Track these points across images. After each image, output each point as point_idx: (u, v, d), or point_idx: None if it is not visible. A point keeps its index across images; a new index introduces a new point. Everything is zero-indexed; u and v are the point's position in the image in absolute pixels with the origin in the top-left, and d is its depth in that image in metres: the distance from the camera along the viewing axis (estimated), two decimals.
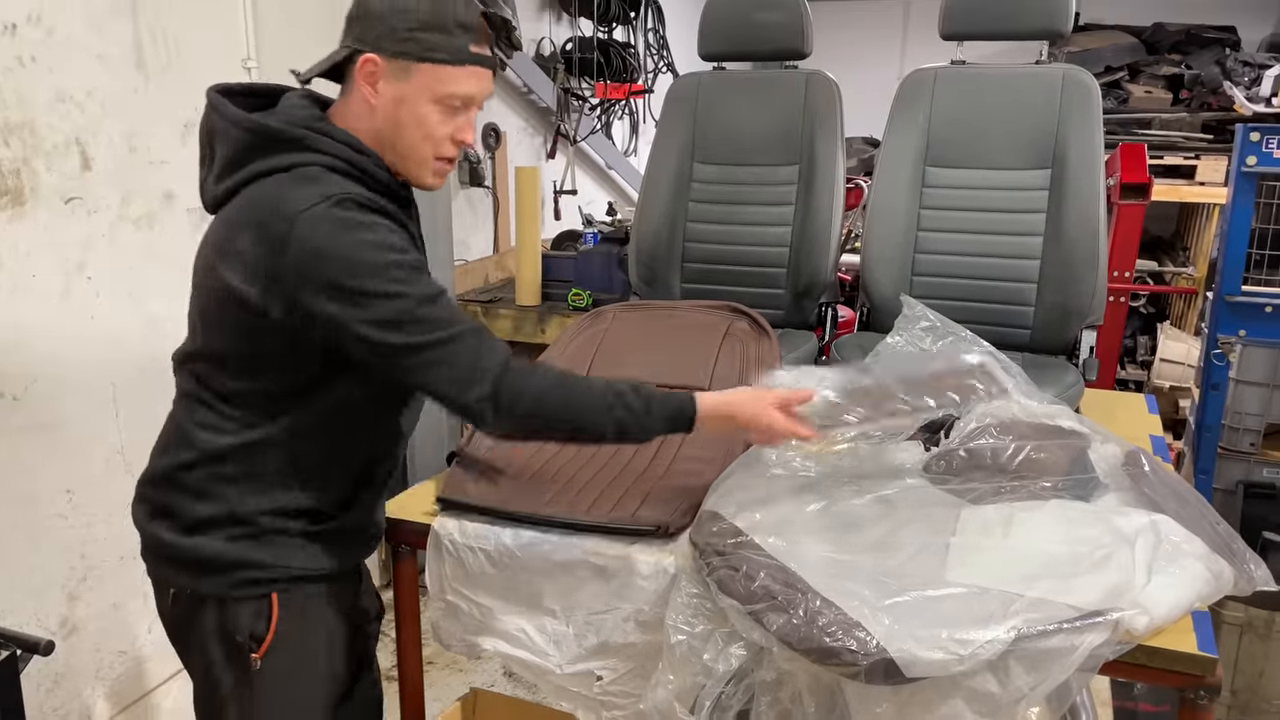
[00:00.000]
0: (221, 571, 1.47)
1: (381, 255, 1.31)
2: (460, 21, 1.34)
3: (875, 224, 2.34)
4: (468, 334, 1.36)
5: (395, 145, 1.40)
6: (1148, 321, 5.11)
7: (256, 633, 1.47)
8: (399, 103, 1.37)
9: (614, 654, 1.60)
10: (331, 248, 1.29)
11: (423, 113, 1.37)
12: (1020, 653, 1.26)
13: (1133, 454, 1.64)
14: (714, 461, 1.84)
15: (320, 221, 1.29)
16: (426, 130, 1.39)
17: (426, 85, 1.36)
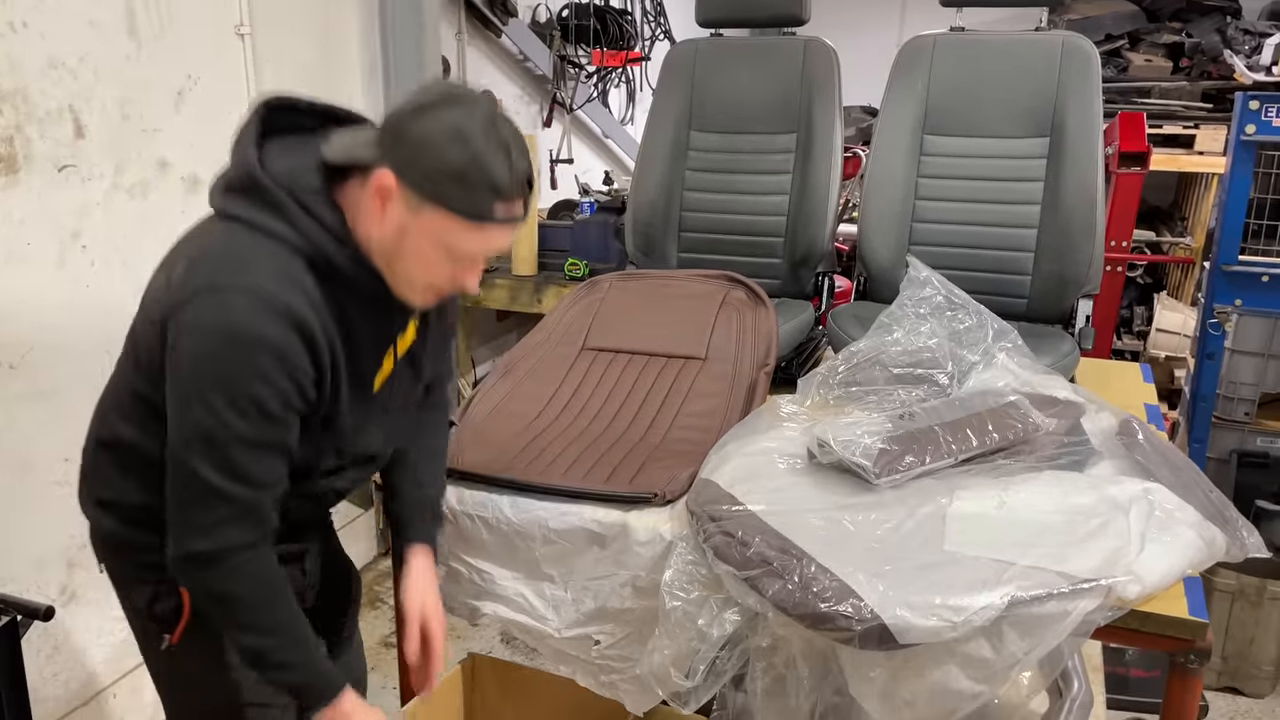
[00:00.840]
0: (120, 553, 1.45)
1: (251, 385, 1.19)
2: (494, 184, 1.20)
3: (873, 192, 2.33)
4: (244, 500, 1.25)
5: (389, 264, 1.28)
6: (1144, 292, 5.10)
7: (168, 614, 1.43)
8: (403, 232, 1.24)
9: (611, 619, 1.61)
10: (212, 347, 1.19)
11: (425, 253, 1.25)
12: (1013, 619, 1.28)
13: (1126, 422, 1.65)
14: (710, 430, 1.84)
15: (225, 311, 1.18)
16: (425, 268, 1.28)
17: (434, 229, 1.23)
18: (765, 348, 2.04)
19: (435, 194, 1.20)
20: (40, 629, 2.20)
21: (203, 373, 1.20)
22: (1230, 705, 2.62)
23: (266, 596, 1.31)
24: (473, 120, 1.20)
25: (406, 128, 1.21)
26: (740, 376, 2.00)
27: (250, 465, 1.23)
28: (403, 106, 1.23)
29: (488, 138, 1.20)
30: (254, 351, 1.18)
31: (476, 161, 1.19)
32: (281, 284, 1.21)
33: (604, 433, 1.90)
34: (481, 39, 4.04)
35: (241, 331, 1.18)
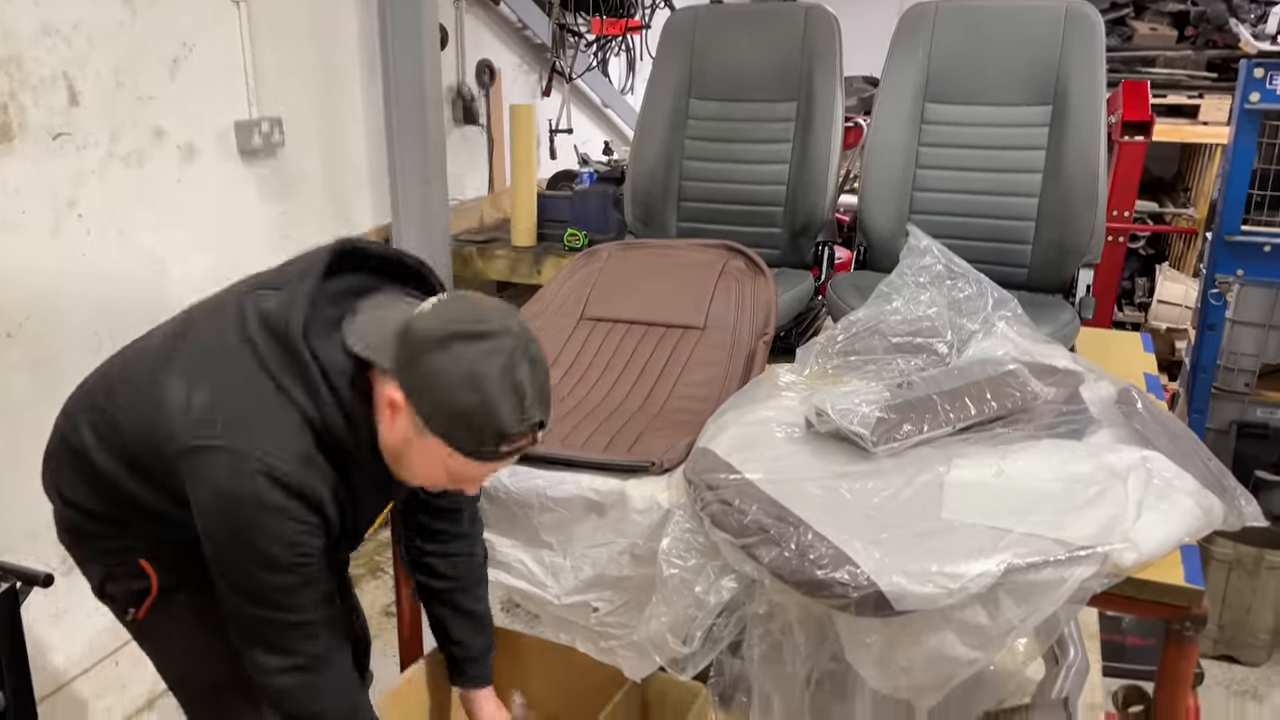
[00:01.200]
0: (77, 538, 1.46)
1: (270, 547, 1.25)
2: (500, 431, 1.21)
3: (874, 161, 2.31)
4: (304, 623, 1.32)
5: (393, 462, 1.32)
6: (1146, 264, 5.08)
7: (120, 595, 1.45)
8: (407, 444, 1.27)
9: (610, 586, 1.62)
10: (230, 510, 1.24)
11: (427, 465, 1.29)
12: (1010, 586, 1.28)
13: (1125, 391, 1.65)
14: (709, 399, 1.84)
15: (245, 482, 1.22)
16: (427, 476, 1.32)
17: (437, 452, 1.24)
18: (764, 317, 2.03)
19: (440, 429, 1.21)
20: (42, 597, 2.21)
21: (222, 530, 1.26)
22: (1226, 673, 2.63)
23: (347, 708, 1.37)
24: (491, 363, 1.19)
25: (424, 355, 1.20)
26: (739, 346, 1.99)
27: (294, 599, 1.29)
28: (427, 324, 1.22)
29: (503, 383, 1.19)
30: (269, 518, 1.23)
31: (486, 409, 1.19)
32: (301, 467, 1.25)
33: (602, 402, 1.90)
34: (480, 6, 4.00)
35: (258, 502, 1.22)
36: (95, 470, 1.38)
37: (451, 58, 3.79)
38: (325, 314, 1.29)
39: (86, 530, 1.44)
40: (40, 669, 2.26)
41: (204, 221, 2.56)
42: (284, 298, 1.28)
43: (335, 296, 1.32)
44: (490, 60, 4.03)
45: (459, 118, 3.87)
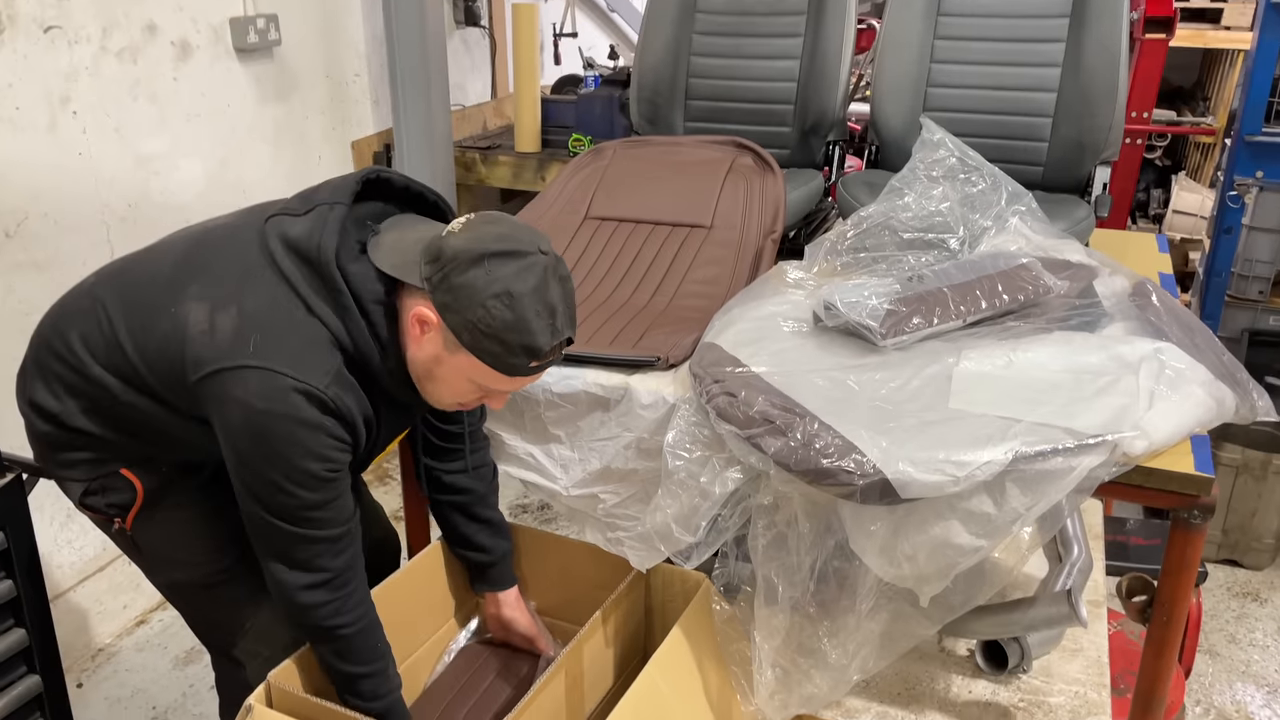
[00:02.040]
0: (54, 451, 1.43)
1: (305, 462, 1.25)
2: (532, 348, 1.23)
3: (887, 55, 2.24)
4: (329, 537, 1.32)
5: (422, 381, 1.32)
6: (1162, 175, 4.99)
7: (101, 508, 1.44)
8: (437, 361, 1.28)
9: (616, 480, 1.62)
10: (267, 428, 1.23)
11: (456, 383, 1.30)
12: (1017, 474, 1.27)
13: (1140, 284, 1.62)
14: (715, 298, 1.82)
15: (279, 400, 1.22)
16: (453, 394, 1.33)
17: (467, 369, 1.26)
18: (772, 215, 1.99)
19: (473, 345, 1.23)
20: (55, 496, 2.23)
21: (255, 449, 1.25)
22: (1229, 576, 2.65)
23: (363, 626, 1.37)
24: (525, 281, 1.21)
25: (458, 272, 1.21)
26: (746, 244, 1.96)
27: (321, 516, 1.30)
28: (460, 243, 1.22)
29: (536, 300, 1.21)
30: (306, 435, 1.24)
31: (519, 326, 1.21)
32: (333, 384, 1.25)
33: (607, 300, 1.88)
34: None
35: (296, 418, 1.23)
36: (88, 385, 1.35)
37: None
38: (352, 238, 1.30)
39: (63, 443, 1.41)
40: (55, 567, 2.30)
41: (201, 121, 2.51)
42: (313, 222, 1.28)
43: (359, 221, 1.32)
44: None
45: (460, 19, 3.77)
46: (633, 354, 1.64)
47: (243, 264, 1.30)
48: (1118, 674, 1.84)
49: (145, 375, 1.32)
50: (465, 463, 1.63)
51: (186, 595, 1.54)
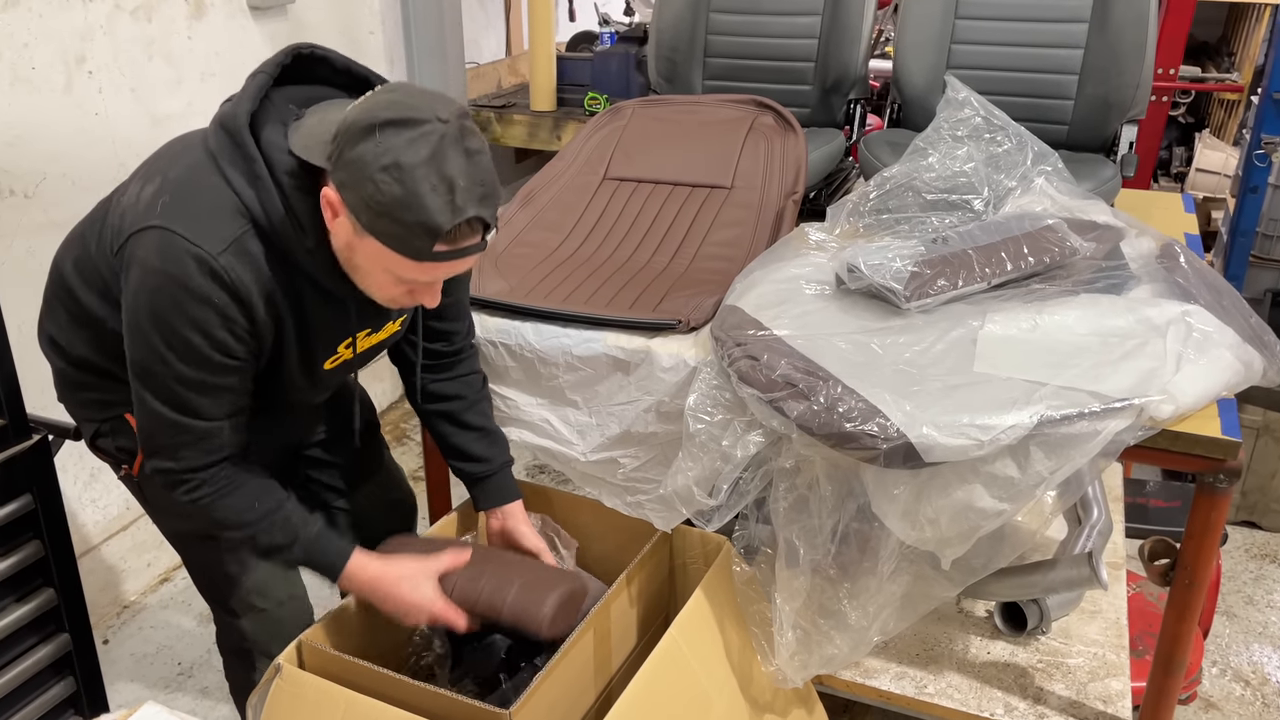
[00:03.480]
0: (68, 389, 1.46)
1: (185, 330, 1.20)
2: (428, 226, 1.12)
3: (910, 11, 2.20)
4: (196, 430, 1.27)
5: (348, 271, 1.25)
6: (1185, 132, 4.91)
7: (112, 450, 1.45)
8: (351, 249, 1.20)
9: (636, 443, 1.62)
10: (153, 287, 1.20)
11: (374, 273, 1.22)
12: (1042, 438, 1.27)
13: (1168, 246, 1.60)
14: (735, 260, 1.81)
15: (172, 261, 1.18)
16: (377, 286, 1.24)
17: (377, 255, 1.17)
18: (794, 175, 1.97)
19: (371, 226, 1.14)
20: (78, 457, 2.25)
21: (143, 308, 1.21)
22: (1247, 538, 2.65)
23: (240, 499, 1.34)
24: (415, 151, 1.10)
25: (350, 146, 1.13)
26: (767, 205, 1.94)
27: (194, 401, 1.25)
28: (355, 114, 1.14)
29: (429, 174, 1.11)
30: (192, 304, 1.19)
31: (411, 203, 1.11)
32: (231, 254, 1.19)
33: (627, 262, 1.87)
34: None
35: (183, 284, 1.18)
36: (81, 310, 1.36)
37: None
38: (281, 113, 1.24)
39: (75, 380, 1.44)
40: (80, 526, 2.33)
41: (216, 80, 2.49)
42: (237, 94, 1.24)
43: (296, 102, 1.26)
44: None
45: None
46: (653, 317, 1.64)
47: (183, 143, 1.30)
48: (1136, 635, 1.85)
49: (111, 283, 1.30)
50: (451, 372, 1.59)
51: (188, 544, 1.56)
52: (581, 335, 1.64)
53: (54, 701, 1.60)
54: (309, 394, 1.46)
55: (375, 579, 1.40)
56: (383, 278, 1.22)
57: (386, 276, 1.21)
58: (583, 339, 1.64)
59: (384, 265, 1.19)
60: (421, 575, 1.42)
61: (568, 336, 1.65)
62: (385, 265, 1.19)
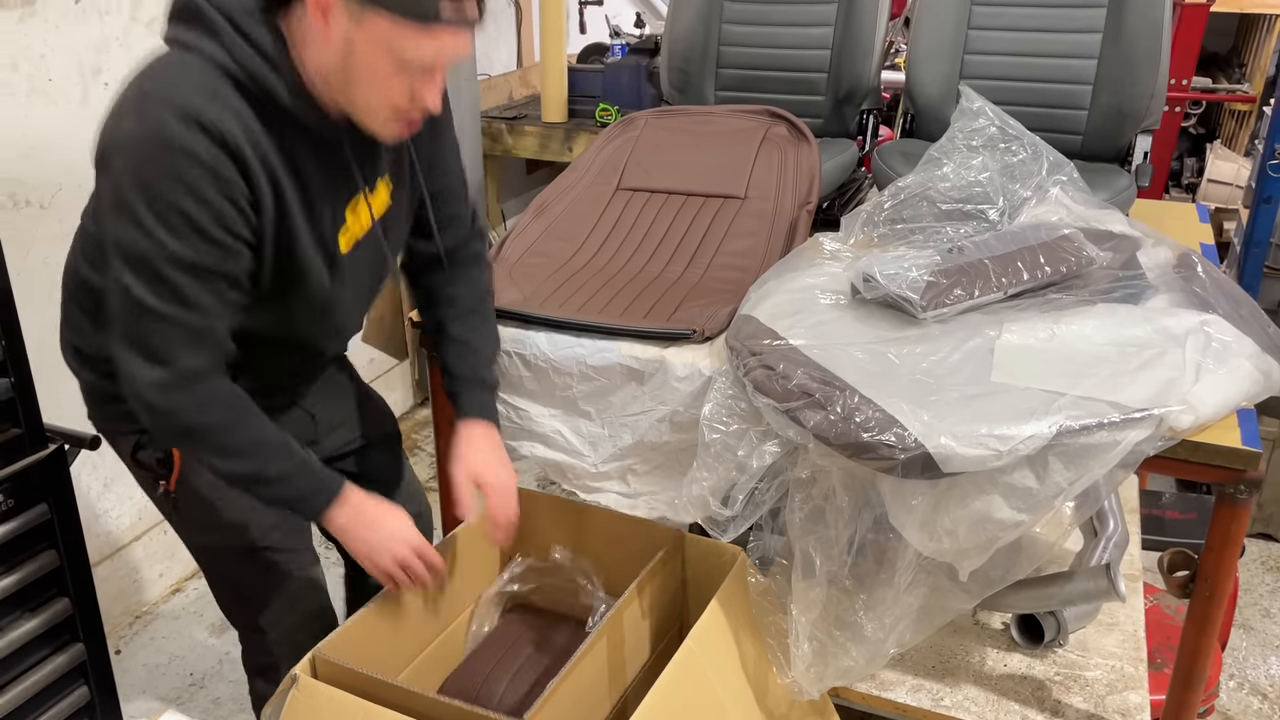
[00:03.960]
0: (102, 403, 1.42)
1: (174, 194, 1.10)
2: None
3: (923, 22, 2.21)
4: (189, 324, 1.18)
5: (345, 92, 1.18)
6: (1196, 143, 4.90)
7: (153, 463, 1.42)
8: (349, 49, 1.13)
9: (648, 452, 1.62)
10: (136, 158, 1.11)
11: (376, 67, 1.14)
12: (1061, 449, 1.26)
13: (1185, 255, 1.59)
14: (749, 270, 1.81)
15: (148, 123, 1.09)
16: (379, 87, 1.16)
17: (380, 38, 1.11)
18: (807, 185, 1.97)
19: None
20: (91, 466, 2.26)
21: (128, 184, 1.11)
22: (1262, 550, 2.63)
23: (234, 418, 1.25)
24: None
25: None
26: (781, 215, 1.94)
27: (188, 288, 1.15)
28: None
29: None
30: (179, 163, 1.09)
31: None
32: (208, 100, 1.11)
33: (641, 272, 1.87)
34: None
35: (165, 141, 1.09)
36: (99, 305, 1.27)
37: None
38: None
39: (106, 392, 1.38)
40: (93, 536, 2.33)
41: None
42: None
43: None
44: None
45: None
46: (668, 327, 1.64)
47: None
48: (1154, 648, 1.83)
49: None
50: (450, 272, 1.53)
51: (217, 559, 1.54)
52: (596, 345, 1.64)
53: (68, 711, 1.60)
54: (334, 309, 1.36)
55: (360, 503, 1.34)
56: (385, 70, 1.14)
57: (389, 67, 1.13)
58: (597, 349, 1.64)
59: (388, 49, 1.12)
60: (407, 519, 1.39)
61: (582, 346, 1.65)
62: (389, 48, 1.11)
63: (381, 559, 1.37)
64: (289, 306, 1.30)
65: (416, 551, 1.39)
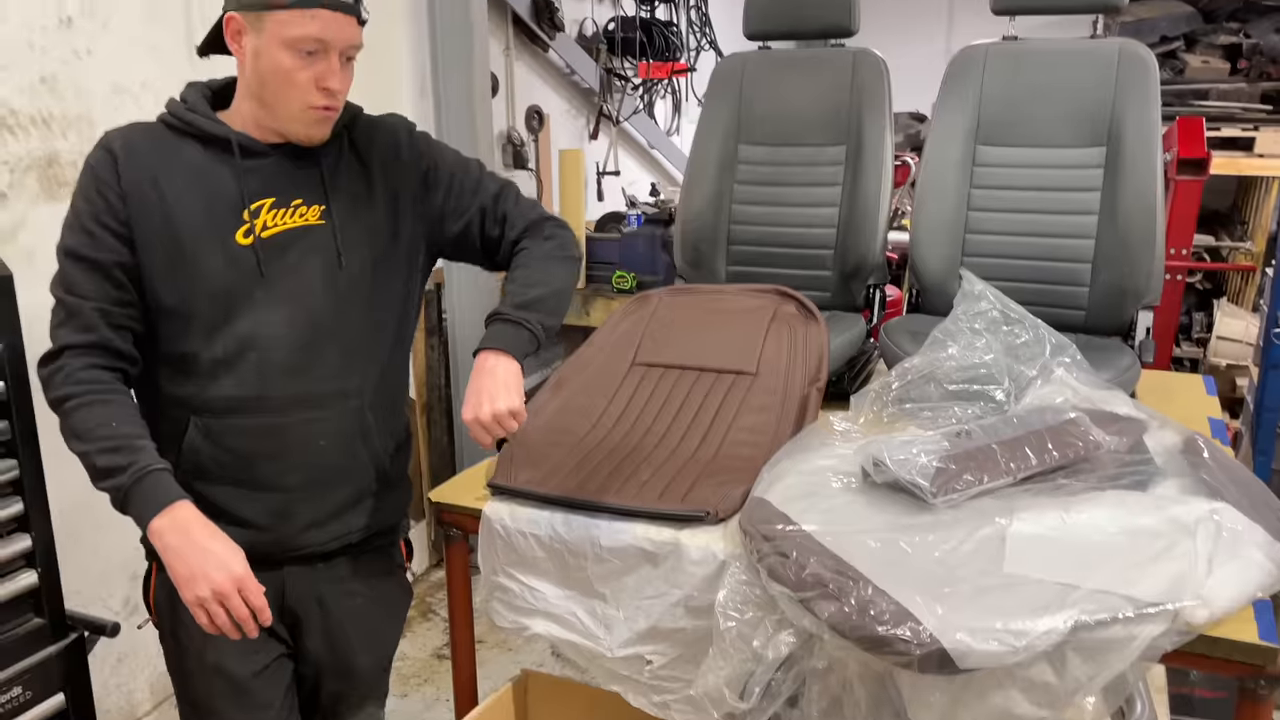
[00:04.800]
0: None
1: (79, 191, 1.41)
2: None
3: (925, 203, 2.31)
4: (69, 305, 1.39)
5: (266, 101, 1.42)
6: (1203, 298, 4.99)
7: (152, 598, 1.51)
8: (258, 56, 1.39)
9: (664, 639, 1.61)
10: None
11: (278, 60, 1.38)
12: (1078, 643, 1.25)
13: (1191, 440, 1.61)
14: (762, 446, 1.83)
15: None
16: (286, 78, 1.39)
17: (276, 32, 1.37)
18: (817, 363, 2.02)
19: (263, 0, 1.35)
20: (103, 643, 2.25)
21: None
22: None
23: (84, 396, 1.36)
24: None
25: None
26: (792, 392, 1.98)
27: (72, 275, 1.38)
28: None
29: None
30: (83, 176, 1.41)
31: None
32: (129, 131, 1.43)
33: (655, 449, 1.90)
34: (529, 54, 4.07)
35: (87, 163, 1.42)
36: None
37: (502, 104, 3.86)
38: None
39: None
40: (104, 712, 2.30)
41: None
42: None
43: None
44: (539, 106, 4.10)
45: (509, 162, 3.93)
46: (682, 508, 1.66)
47: None
48: None
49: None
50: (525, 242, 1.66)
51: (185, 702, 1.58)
52: (610, 526, 1.66)
53: None
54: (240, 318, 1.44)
55: (191, 521, 1.32)
56: (287, 61, 1.37)
57: (289, 56, 1.37)
58: (611, 530, 1.65)
59: (280, 39, 1.36)
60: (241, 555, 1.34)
61: (597, 527, 1.66)
62: (281, 38, 1.36)
63: (199, 587, 1.30)
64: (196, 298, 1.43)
65: (240, 587, 1.31)
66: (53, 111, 2.07)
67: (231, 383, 1.43)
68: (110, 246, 1.39)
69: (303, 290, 1.47)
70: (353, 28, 1.41)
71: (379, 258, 1.54)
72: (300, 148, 1.48)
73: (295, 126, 1.44)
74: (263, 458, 1.47)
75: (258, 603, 1.32)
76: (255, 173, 1.46)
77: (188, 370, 1.43)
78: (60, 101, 2.08)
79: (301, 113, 1.42)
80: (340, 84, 1.43)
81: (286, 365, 1.45)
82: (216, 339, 1.42)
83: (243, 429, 1.45)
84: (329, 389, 1.49)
